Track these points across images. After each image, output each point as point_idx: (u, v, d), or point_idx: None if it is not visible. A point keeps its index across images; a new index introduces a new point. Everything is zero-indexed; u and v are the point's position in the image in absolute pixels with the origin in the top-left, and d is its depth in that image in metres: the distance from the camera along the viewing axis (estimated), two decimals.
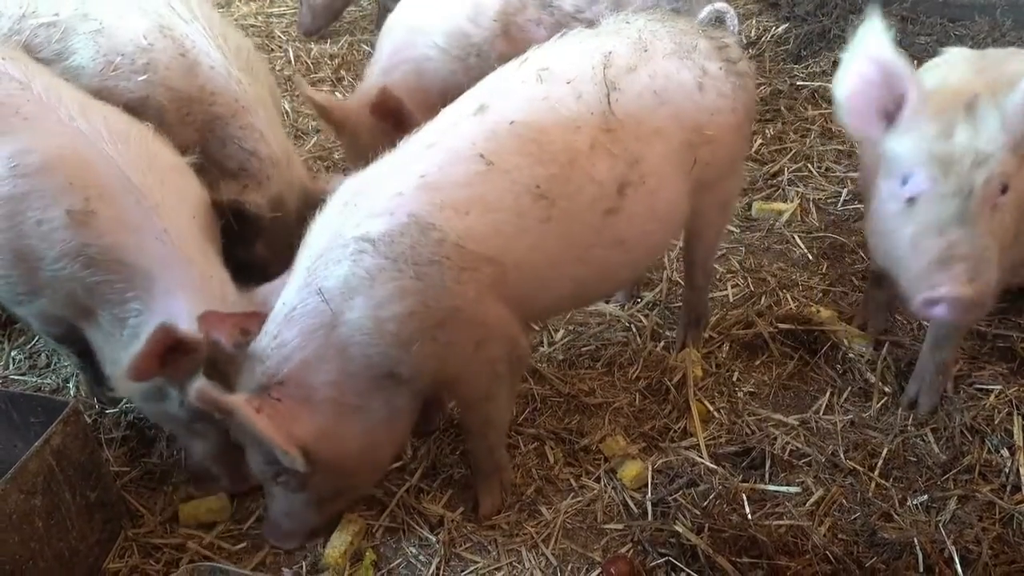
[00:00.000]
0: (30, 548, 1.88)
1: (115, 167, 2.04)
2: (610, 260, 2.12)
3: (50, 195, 1.98)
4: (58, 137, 2.03)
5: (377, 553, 2.14)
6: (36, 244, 2.00)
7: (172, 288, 2.01)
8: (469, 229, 1.86)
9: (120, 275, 2.01)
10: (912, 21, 4.66)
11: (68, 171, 2.00)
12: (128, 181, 2.04)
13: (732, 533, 2.09)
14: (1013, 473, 2.28)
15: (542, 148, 1.95)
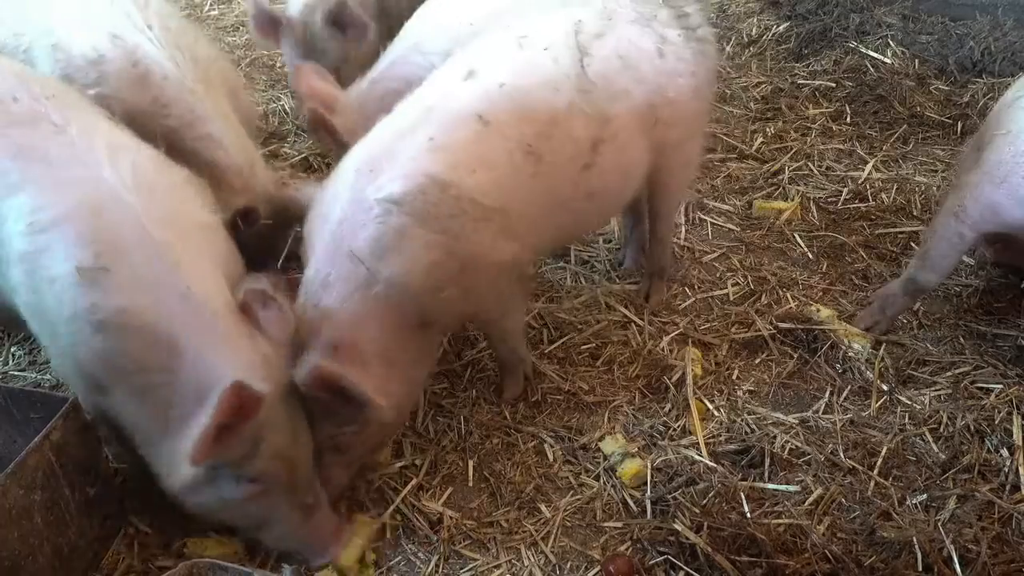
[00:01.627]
0: (29, 543, 1.88)
1: (134, 219, 1.81)
2: (584, 209, 2.36)
3: (61, 251, 1.77)
4: (76, 188, 1.83)
5: (378, 552, 2.14)
6: (48, 302, 1.80)
7: (202, 350, 1.77)
8: (479, 184, 2.04)
9: (143, 341, 1.76)
10: (913, 20, 4.66)
11: (80, 225, 1.79)
12: (148, 235, 1.81)
13: (731, 531, 2.09)
14: (1012, 473, 2.28)
15: (529, 109, 2.13)
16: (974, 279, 3.01)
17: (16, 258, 1.80)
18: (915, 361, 2.67)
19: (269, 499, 1.89)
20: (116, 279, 1.75)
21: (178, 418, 1.76)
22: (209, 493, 1.85)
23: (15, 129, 1.85)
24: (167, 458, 1.83)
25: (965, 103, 4.00)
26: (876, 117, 3.97)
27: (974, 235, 2.53)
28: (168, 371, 1.75)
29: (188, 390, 1.75)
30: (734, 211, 3.41)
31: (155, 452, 1.87)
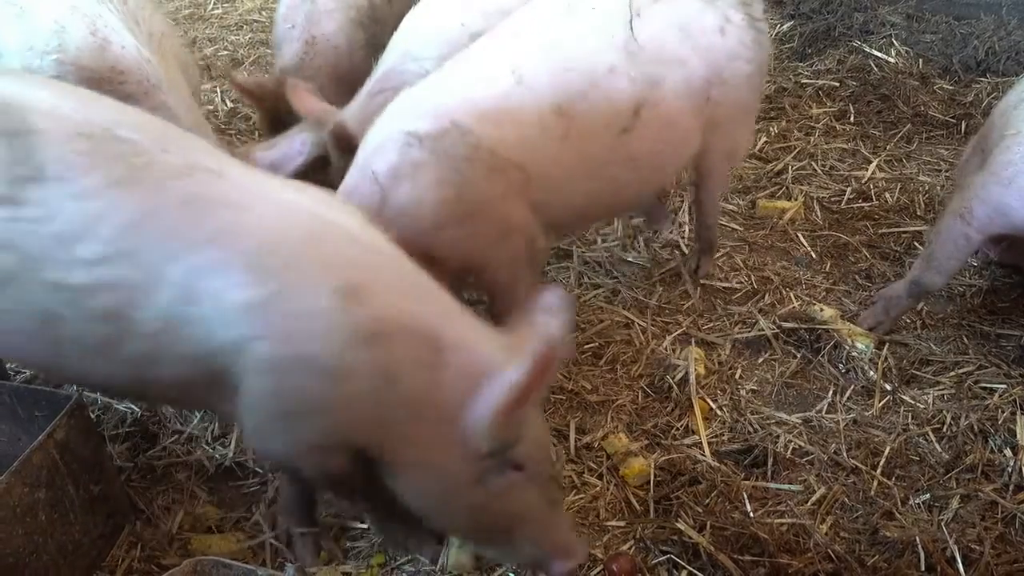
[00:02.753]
0: (33, 541, 1.89)
1: (346, 233, 1.75)
2: (622, 178, 2.36)
3: (309, 282, 1.65)
4: (286, 221, 1.71)
5: (385, 553, 2.15)
6: (306, 344, 1.65)
7: (462, 340, 1.71)
8: (502, 138, 2.14)
9: (409, 344, 1.67)
10: (917, 19, 4.65)
11: (314, 253, 1.69)
12: (365, 243, 1.76)
13: (734, 531, 2.09)
14: (1016, 473, 2.27)
15: (566, 68, 2.21)
16: (978, 279, 3.00)
17: (242, 310, 1.62)
18: (918, 361, 2.67)
19: (528, 491, 1.78)
20: (368, 292, 1.66)
21: (447, 416, 1.68)
22: (477, 493, 1.74)
23: (177, 181, 1.69)
24: (432, 471, 1.73)
25: (969, 102, 4.00)
26: (880, 116, 3.96)
27: (980, 237, 2.52)
28: (436, 368, 1.68)
29: (459, 381, 1.68)
30: (737, 210, 3.41)
31: (416, 470, 1.76)
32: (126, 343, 1.69)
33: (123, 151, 1.68)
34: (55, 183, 1.64)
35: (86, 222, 1.64)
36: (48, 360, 1.83)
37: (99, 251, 1.63)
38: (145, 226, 1.64)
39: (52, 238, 1.64)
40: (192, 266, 1.63)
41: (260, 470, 2.34)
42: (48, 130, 1.67)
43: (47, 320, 1.70)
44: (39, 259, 1.65)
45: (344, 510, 2.21)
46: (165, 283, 1.63)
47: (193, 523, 2.21)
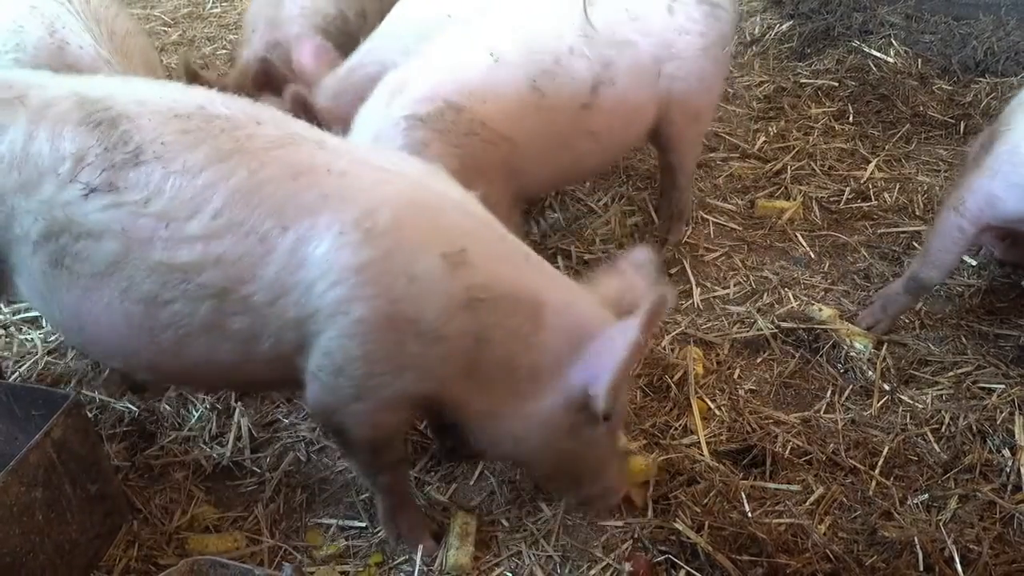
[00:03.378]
0: (30, 540, 1.88)
1: (450, 200, 1.81)
2: (586, 148, 2.59)
3: (417, 245, 1.69)
4: (392, 186, 1.75)
5: (383, 552, 2.14)
6: (411, 305, 1.69)
7: (561, 302, 1.79)
8: (489, 112, 2.34)
9: (510, 308, 1.74)
10: (916, 19, 4.65)
11: (421, 217, 1.73)
12: (470, 211, 1.82)
13: (732, 531, 2.09)
14: (1014, 473, 2.27)
15: (535, 49, 2.42)
16: (976, 279, 3.00)
17: (349, 271, 1.65)
18: (917, 361, 2.67)
19: (610, 439, 1.94)
20: (473, 257, 1.72)
21: (547, 373, 1.78)
22: (568, 440, 1.85)
23: (281, 151, 1.73)
24: (523, 420, 1.82)
25: (968, 103, 4.00)
26: (879, 116, 3.96)
27: (974, 229, 2.54)
28: (535, 329, 1.76)
29: (559, 341, 1.76)
30: (736, 210, 3.41)
31: (504, 419, 1.83)
32: (231, 321, 1.72)
33: (222, 126, 1.72)
34: (155, 163, 1.67)
35: (194, 197, 1.67)
36: (146, 352, 1.83)
37: (208, 225, 1.66)
38: (255, 196, 1.66)
39: (157, 217, 1.67)
40: (302, 232, 1.66)
41: (258, 470, 2.34)
42: (140, 114, 1.72)
43: (151, 306, 1.72)
44: (145, 241, 1.68)
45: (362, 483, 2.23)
46: (276, 252, 1.66)
47: (190, 522, 2.21)
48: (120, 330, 1.78)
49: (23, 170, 1.72)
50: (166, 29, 4.98)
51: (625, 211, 3.34)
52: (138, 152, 1.68)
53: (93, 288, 1.74)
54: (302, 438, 2.44)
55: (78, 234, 1.71)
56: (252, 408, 2.52)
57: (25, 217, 1.74)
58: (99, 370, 2.64)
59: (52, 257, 1.75)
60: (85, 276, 1.74)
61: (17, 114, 1.74)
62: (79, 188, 1.69)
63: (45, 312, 1.96)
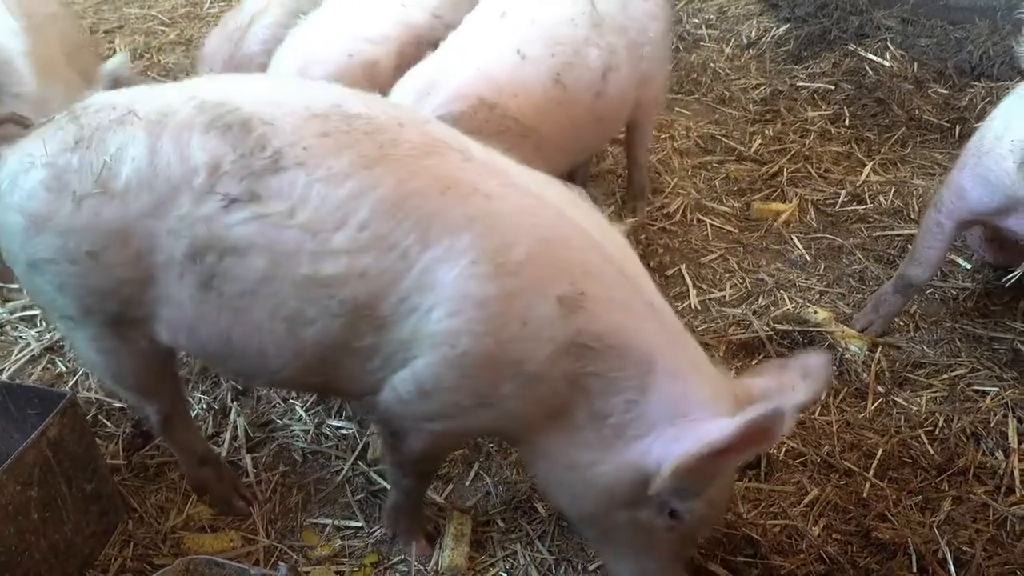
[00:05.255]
0: (26, 539, 1.88)
1: (589, 240, 1.66)
2: (592, 135, 2.71)
3: (539, 287, 1.58)
4: (532, 217, 1.63)
5: (378, 552, 2.15)
6: (519, 347, 1.59)
7: (676, 369, 1.62)
8: (519, 107, 2.38)
9: (618, 362, 1.61)
10: (912, 23, 4.66)
11: (551, 255, 1.61)
12: (606, 253, 1.66)
13: (727, 532, 2.10)
14: (1007, 475, 2.28)
15: (556, 42, 2.48)
16: (970, 282, 3.01)
17: (470, 303, 1.55)
18: (911, 364, 2.68)
19: (667, 541, 1.70)
20: (592, 302, 1.59)
21: (633, 436, 1.61)
22: (624, 512, 1.67)
23: (428, 161, 1.62)
24: (587, 473, 1.66)
25: (963, 107, 4.01)
26: (874, 120, 3.98)
27: (951, 223, 2.58)
28: (639, 389, 1.60)
29: (659, 409, 1.60)
30: (732, 213, 3.42)
31: (570, 468, 1.69)
32: (360, 339, 1.63)
33: (365, 128, 1.61)
34: (297, 169, 1.56)
35: (340, 207, 1.55)
36: (286, 371, 1.73)
37: (354, 238, 1.56)
38: (401, 209, 1.56)
39: (303, 229, 1.56)
40: (439, 253, 1.56)
41: (254, 469, 2.34)
42: (275, 117, 1.59)
43: (296, 323, 1.62)
44: (291, 255, 1.57)
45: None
46: (413, 270, 1.56)
47: (186, 522, 2.21)
48: (268, 351, 1.68)
49: (153, 188, 1.59)
50: (164, 28, 4.97)
51: (621, 214, 3.35)
52: (278, 158, 1.56)
53: (242, 309, 1.63)
54: (298, 438, 2.44)
55: (223, 250, 1.59)
56: (248, 408, 2.53)
57: (167, 239, 1.61)
58: None
59: (201, 279, 1.62)
60: (234, 296, 1.62)
61: (134, 131, 1.61)
62: (218, 200, 1.56)
63: (192, 345, 1.77)
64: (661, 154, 3.74)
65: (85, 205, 1.62)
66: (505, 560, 2.13)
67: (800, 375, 1.64)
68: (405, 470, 1.97)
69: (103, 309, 1.73)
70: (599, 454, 1.64)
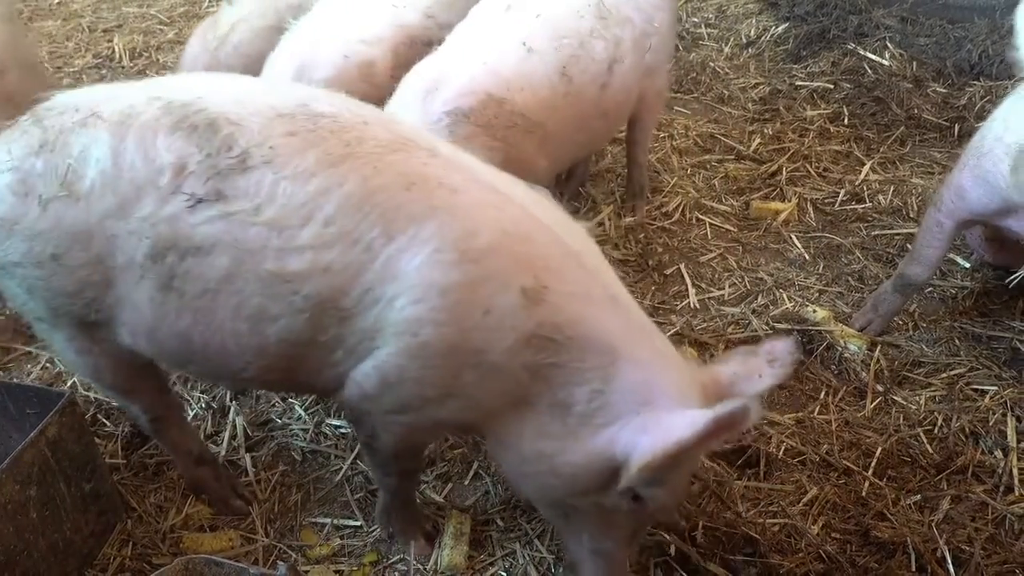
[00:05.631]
0: (24, 539, 1.88)
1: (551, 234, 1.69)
2: (597, 128, 2.73)
3: (502, 277, 1.61)
4: (495, 210, 1.66)
5: (377, 551, 2.15)
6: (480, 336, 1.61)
7: (640, 359, 1.63)
8: (526, 102, 2.40)
9: (579, 353, 1.62)
10: (911, 22, 4.66)
11: (515, 247, 1.64)
12: (567, 247, 1.69)
13: (726, 531, 2.10)
14: (1006, 474, 2.29)
15: (562, 35, 2.49)
16: (969, 281, 3.02)
17: (433, 291, 1.57)
18: (910, 362, 2.68)
19: (627, 521, 1.74)
20: (554, 295, 1.60)
21: (598, 426, 1.62)
22: (589, 497, 1.69)
23: (393, 156, 1.64)
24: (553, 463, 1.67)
25: (962, 106, 4.01)
26: (874, 119, 3.98)
27: (951, 223, 2.58)
28: (602, 379, 1.61)
29: (624, 398, 1.60)
30: (731, 212, 3.42)
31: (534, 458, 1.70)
32: (324, 332, 1.65)
33: (330, 127, 1.63)
34: (264, 168, 1.58)
35: (306, 204, 1.57)
36: (249, 369, 1.74)
37: (319, 234, 1.58)
38: (367, 204, 1.58)
39: (269, 226, 1.58)
40: (403, 243, 1.58)
41: (253, 469, 2.34)
42: (242, 117, 1.61)
43: (259, 320, 1.64)
44: (256, 252, 1.59)
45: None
46: (377, 261, 1.58)
47: (185, 521, 2.21)
48: (230, 349, 1.69)
49: (117, 189, 1.60)
50: (162, 28, 4.97)
51: (620, 213, 3.35)
52: (245, 157, 1.58)
53: (204, 309, 1.64)
54: (297, 437, 2.44)
55: (186, 250, 1.60)
56: (247, 407, 2.53)
57: (128, 241, 1.61)
58: None
59: (161, 280, 1.63)
60: (195, 296, 1.63)
61: (97, 133, 1.61)
62: (183, 200, 1.58)
63: (153, 347, 1.77)
64: (660, 153, 3.74)
65: (50, 208, 1.62)
66: (504, 559, 2.13)
67: (767, 360, 1.65)
68: (386, 469, 1.98)
69: (70, 312, 1.74)
70: (565, 443, 1.65)
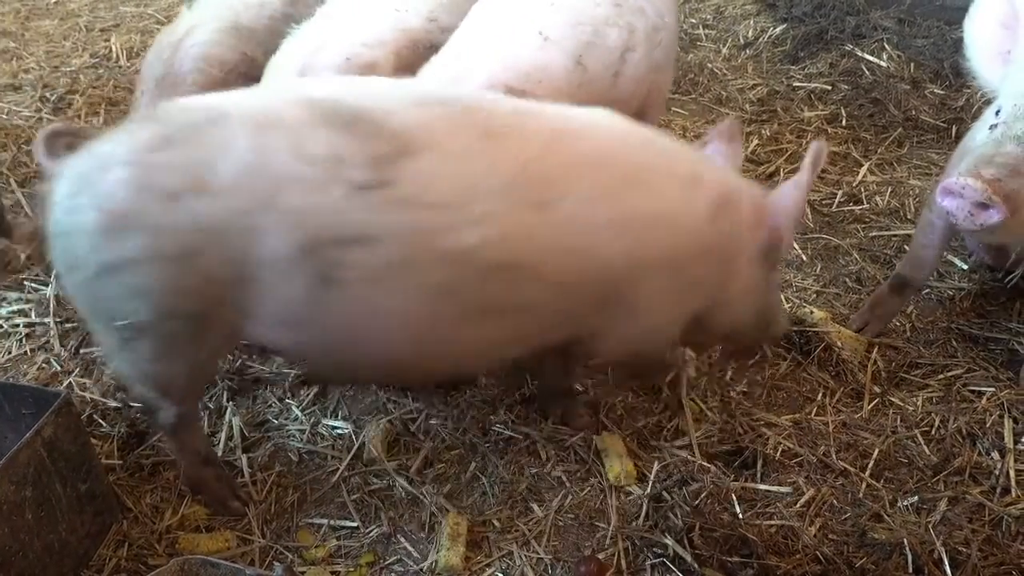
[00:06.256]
0: (20, 540, 1.88)
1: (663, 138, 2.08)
2: None
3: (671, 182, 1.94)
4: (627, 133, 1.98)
5: (374, 552, 2.14)
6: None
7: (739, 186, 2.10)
8: (545, 93, 2.31)
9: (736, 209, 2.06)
10: (909, 24, 4.67)
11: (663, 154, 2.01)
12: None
13: (723, 532, 2.10)
14: (1003, 475, 2.29)
15: (577, 22, 2.48)
16: (966, 283, 3.02)
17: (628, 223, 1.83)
18: (907, 364, 2.68)
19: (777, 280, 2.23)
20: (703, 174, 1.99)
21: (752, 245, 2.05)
22: (761, 294, 2.14)
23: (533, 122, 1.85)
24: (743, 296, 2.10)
25: (960, 107, 4.02)
26: (871, 120, 3.98)
27: (942, 223, 2.57)
28: (742, 214, 2.02)
29: (751, 216, 2.03)
30: None
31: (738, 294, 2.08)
32: (520, 294, 1.77)
33: (464, 108, 1.75)
34: (427, 152, 1.64)
35: (473, 180, 1.67)
36: (417, 354, 1.85)
37: (488, 207, 1.67)
38: (526, 171, 1.71)
39: (437, 207, 1.64)
40: (582, 194, 1.75)
41: (249, 469, 2.34)
42: (392, 107, 1.68)
43: (440, 298, 1.71)
44: (428, 233, 1.64)
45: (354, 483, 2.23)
46: (558, 218, 1.73)
47: (181, 522, 2.20)
48: (396, 335, 1.75)
49: (259, 184, 1.59)
50: (160, 27, 4.95)
51: None
52: (406, 143, 1.63)
53: (371, 297, 1.66)
54: (293, 438, 2.44)
55: (349, 240, 1.61)
56: (244, 408, 2.52)
57: (273, 235, 1.60)
58: (90, 369, 2.64)
59: (319, 272, 1.62)
60: (362, 284, 1.64)
61: (231, 129, 1.62)
62: (343, 191, 1.59)
63: (298, 339, 1.78)
64: None
65: (179, 203, 1.59)
66: (501, 560, 2.12)
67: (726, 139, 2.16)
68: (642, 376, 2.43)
69: (184, 311, 1.70)
70: (745, 274, 2.06)
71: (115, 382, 2.58)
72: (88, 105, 4.11)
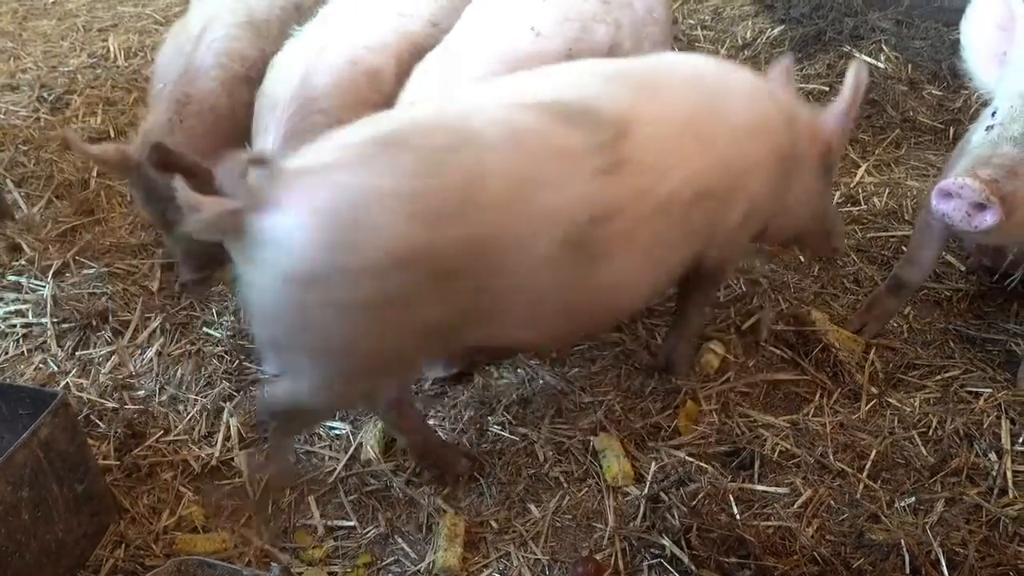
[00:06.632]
0: (16, 540, 1.87)
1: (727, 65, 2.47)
2: None
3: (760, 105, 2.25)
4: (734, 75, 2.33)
5: (371, 553, 2.14)
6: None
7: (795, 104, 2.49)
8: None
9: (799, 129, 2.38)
10: (907, 25, 4.67)
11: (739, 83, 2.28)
12: None
13: (720, 533, 2.09)
14: (1000, 476, 2.29)
15: (566, 17, 2.54)
16: (964, 284, 3.02)
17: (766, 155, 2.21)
18: (905, 365, 2.68)
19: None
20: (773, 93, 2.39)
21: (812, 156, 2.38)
22: (818, 197, 2.48)
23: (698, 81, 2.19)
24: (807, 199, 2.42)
25: (958, 108, 4.02)
26: (869, 121, 3.98)
27: (940, 225, 2.56)
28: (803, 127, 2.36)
29: (807, 130, 2.36)
30: None
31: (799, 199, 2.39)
32: (704, 212, 2.06)
33: (644, 80, 2.07)
34: (635, 126, 1.89)
35: (676, 153, 1.97)
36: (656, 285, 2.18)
37: (709, 164, 2.02)
38: (691, 120, 2.03)
39: (658, 173, 1.92)
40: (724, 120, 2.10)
41: (247, 469, 2.33)
42: (595, 94, 1.93)
43: (665, 232, 1.98)
44: (651, 190, 1.91)
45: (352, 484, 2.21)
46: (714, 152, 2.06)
47: (178, 523, 2.20)
48: (645, 276, 2.04)
49: (519, 194, 1.73)
50: (157, 27, 4.96)
51: None
52: (624, 124, 1.88)
53: (614, 270, 1.91)
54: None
55: (596, 222, 1.82)
56: (241, 408, 2.52)
57: (533, 238, 1.75)
58: (87, 370, 2.64)
59: (578, 260, 1.83)
60: (609, 260, 1.88)
61: (481, 145, 1.72)
62: (588, 180, 1.81)
63: (545, 329, 2.01)
64: None
65: (449, 227, 1.63)
66: (498, 561, 2.12)
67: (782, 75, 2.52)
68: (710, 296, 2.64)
69: (438, 332, 1.78)
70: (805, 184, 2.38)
71: (112, 383, 2.58)
72: (86, 105, 4.10)
